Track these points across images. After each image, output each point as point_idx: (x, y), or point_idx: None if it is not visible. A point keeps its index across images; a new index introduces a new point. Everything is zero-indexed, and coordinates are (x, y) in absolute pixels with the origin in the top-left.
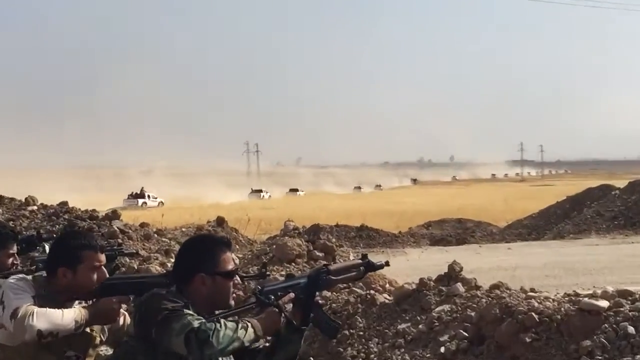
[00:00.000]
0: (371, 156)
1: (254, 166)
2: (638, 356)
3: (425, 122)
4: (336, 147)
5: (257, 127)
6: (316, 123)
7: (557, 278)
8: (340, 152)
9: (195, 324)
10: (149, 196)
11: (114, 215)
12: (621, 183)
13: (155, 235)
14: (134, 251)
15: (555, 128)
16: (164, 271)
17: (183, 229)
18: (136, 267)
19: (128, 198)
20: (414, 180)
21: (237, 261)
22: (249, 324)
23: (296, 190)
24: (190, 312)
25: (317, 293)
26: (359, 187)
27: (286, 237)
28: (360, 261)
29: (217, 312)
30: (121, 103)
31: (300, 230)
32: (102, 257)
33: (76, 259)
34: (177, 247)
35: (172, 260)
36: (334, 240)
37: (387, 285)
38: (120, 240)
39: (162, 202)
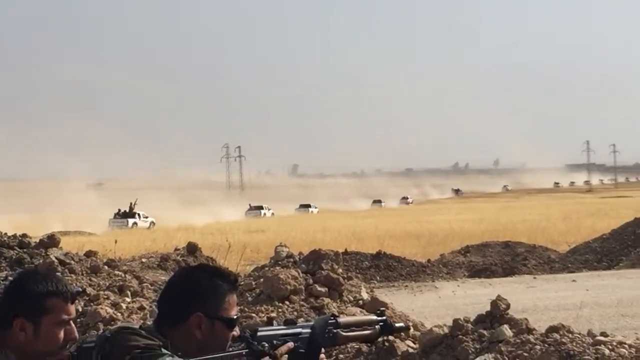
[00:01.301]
0: (389, 162)
1: (235, 176)
2: None
3: (461, 118)
4: (341, 151)
5: (240, 128)
6: (315, 123)
7: (637, 318)
8: (347, 158)
9: None
10: (139, 215)
11: (51, 241)
12: None
13: (106, 267)
14: (80, 289)
15: (631, 123)
16: (134, 315)
17: (143, 259)
18: (81, 309)
19: (115, 218)
20: (457, 191)
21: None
22: None
23: (308, 206)
24: (169, 352)
25: (322, 350)
26: (380, 201)
27: (278, 268)
28: (376, 318)
29: (198, 358)
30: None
31: (297, 258)
32: (72, 309)
33: (39, 309)
34: (133, 283)
35: (127, 300)
36: (340, 270)
37: (412, 330)
38: (60, 275)
39: (153, 222)
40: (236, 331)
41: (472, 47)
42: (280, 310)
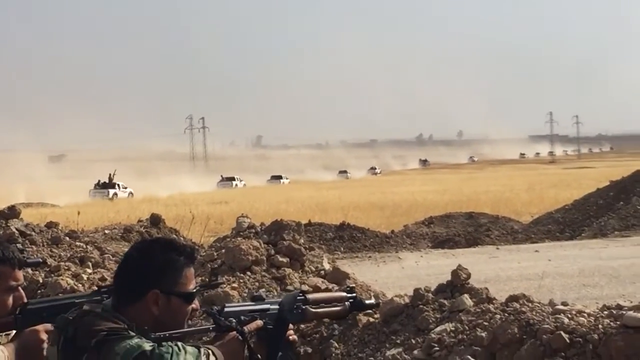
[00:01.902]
0: (353, 133)
1: (199, 147)
2: None
3: (425, 90)
4: (305, 123)
5: (204, 99)
6: (279, 95)
7: (598, 288)
8: (312, 130)
9: (147, 346)
10: (118, 185)
11: (11, 212)
12: None
13: (67, 239)
14: (40, 260)
15: (595, 94)
16: (95, 287)
17: (106, 231)
18: (41, 280)
19: (95, 188)
20: (424, 162)
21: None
22: (210, 351)
23: (279, 177)
24: (135, 333)
25: (290, 326)
26: (345, 172)
27: (239, 239)
28: (345, 294)
29: (163, 333)
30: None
31: (258, 229)
32: (20, 275)
33: None
34: (94, 254)
35: (88, 270)
36: (302, 241)
37: (373, 300)
38: (20, 246)
39: (132, 192)
40: (195, 304)
41: (437, 21)
42: (241, 280)
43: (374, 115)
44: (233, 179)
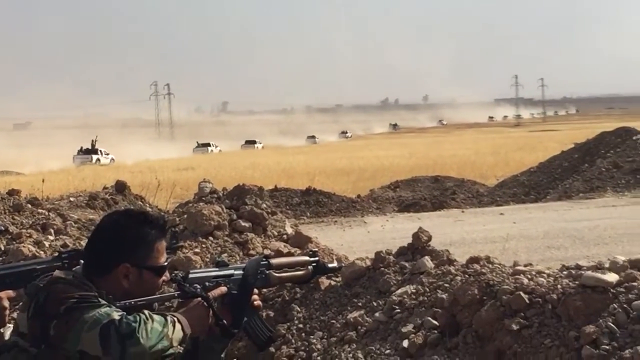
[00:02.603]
0: (318, 98)
1: (165, 113)
2: None
3: (389, 54)
4: (271, 89)
5: (169, 65)
6: (245, 60)
7: (562, 250)
8: (277, 95)
9: (115, 315)
10: (101, 152)
11: None
12: None
13: (29, 206)
14: (1, 227)
15: (560, 57)
16: (56, 253)
17: (71, 199)
18: (2, 248)
19: (79, 154)
20: (395, 126)
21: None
22: (176, 319)
23: (253, 142)
24: (105, 302)
25: (255, 291)
26: (314, 137)
27: (201, 204)
28: (308, 258)
29: (129, 301)
30: None
31: (221, 194)
32: None
33: None
34: (57, 221)
35: (50, 237)
36: (264, 205)
37: (335, 263)
38: None
39: (113, 158)
40: (166, 277)
41: None
42: (204, 245)
43: (339, 81)
44: (209, 144)
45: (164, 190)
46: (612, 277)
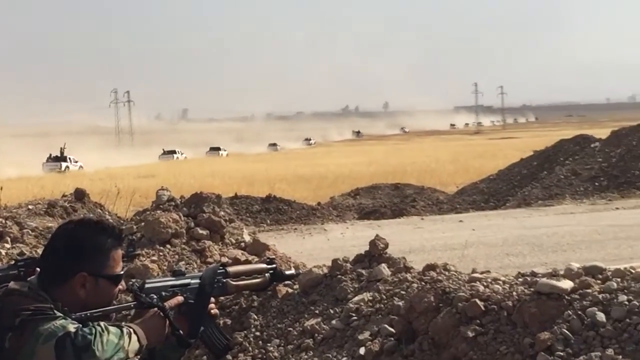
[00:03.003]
0: (279, 106)
1: (125, 121)
2: (609, 350)
3: (347, 61)
4: (232, 96)
5: (129, 72)
6: (206, 68)
7: (521, 257)
8: (238, 103)
9: (71, 327)
10: (70, 159)
11: None
12: (603, 133)
13: None
14: None
15: (519, 65)
16: (12, 261)
17: (30, 206)
18: None
19: (48, 161)
20: (358, 133)
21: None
22: (132, 330)
23: (218, 149)
24: (61, 314)
25: (212, 299)
26: (275, 145)
27: (159, 212)
28: (266, 266)
29: (84, 312)
30: None
31: (178, 201)
32: None
33: None
34: (13, 229)
35: (7, 246)
36: (222, 213)
37: (293, 271)
38: None
39: (81, 166)
40: (122, 285)
41: None
42: (161, 253)
43: (300, 88)
44: (174, 152)
45: (123, 198)
46: (566, 284)
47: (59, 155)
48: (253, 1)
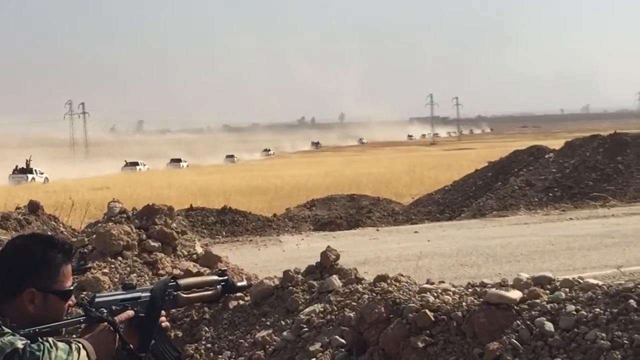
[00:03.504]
0: (235, 117)
1: (80, 133)
2: (558, 359)
3: (303, 74)
4: (188, 108)
5: (84, 84)
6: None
7: (475, 267)
8: (194, 114)
9: (19, 344)
10: (35, 171)
11: None
12: (557, 143)
13: None
14: None
15: (474, 76)
16: None
17: None
18: None
19: (14, 173)
20: (317, 144)
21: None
22: (81, 345)
23: (179, 160)
24: (9, 330)
25: (163, 312)
26: (232, 156)
27: (110, 224)
28: (217, 278)
29: (33, 328)
30: None
31: (130, 213)
32: None
33: None
34: None
35: None
36: (174, 225)
37: (245, 282)
38: None
39: (47, 178)
40: (72, 300)
41: (312, 4)
42: (112, 266)
43: (255, 100)
44: (137, 163)
45: (78, 210)
46: (515, 294)
47: (24, 167)
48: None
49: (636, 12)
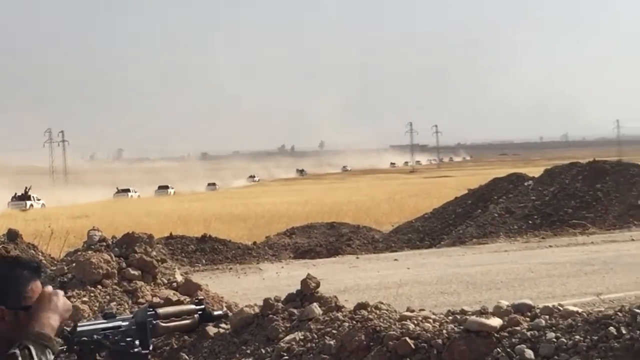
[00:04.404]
0: (215, 145)
1: (59, 161)
2: None
3: (284, 102)
4: (167, 136)
5: (63, 112)
6: (141, 108)
7: (455, 295)
8: (174, 143)
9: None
10: (33, 198)
11: None
12: (536, 171)
13: None
14: None
15: (453, 104)
16: None
17: None
18: None
19: (13, 200)
20: (302, 172)
21: None
22: None
23: (166, 187)
24: None
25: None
26: (214, 184)
27: (90, 252)
28: (194, 307)
29: (12, 350)
30: None
31: (110, 242)
32: None
33: None
34: None
35: None
36: (154, 253)
37: (222, 311)
38: None
39: (44, 204)
40: None
41: (292, 34)
42: (92, 294)
43: (236, 128)
44: (128, 190)
45: (57, 238)
46: (495, 322)
47: (23, 194)
48: (188, 42)
49: (614, 42)
